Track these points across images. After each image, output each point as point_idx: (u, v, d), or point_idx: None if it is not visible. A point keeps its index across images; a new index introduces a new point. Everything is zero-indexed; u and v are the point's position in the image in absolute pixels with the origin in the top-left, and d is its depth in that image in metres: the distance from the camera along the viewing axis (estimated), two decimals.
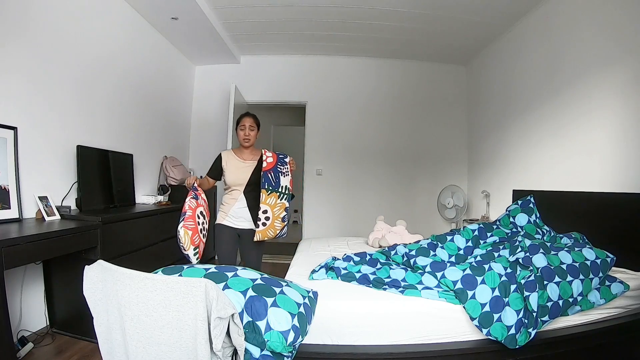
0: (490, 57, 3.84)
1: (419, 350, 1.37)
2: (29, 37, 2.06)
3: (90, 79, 2.60)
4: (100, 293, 1.02)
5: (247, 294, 1.11)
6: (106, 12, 2.75)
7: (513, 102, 3.32)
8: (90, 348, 1.93)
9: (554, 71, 2.71)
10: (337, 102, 4.45)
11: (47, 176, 2.22)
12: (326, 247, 2.55)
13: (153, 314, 0.94)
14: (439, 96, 4.47)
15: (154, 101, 3.55)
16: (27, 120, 2.06)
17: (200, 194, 2.00)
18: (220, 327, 0.94)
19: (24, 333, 1.95)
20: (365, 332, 1.39)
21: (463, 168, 4.44)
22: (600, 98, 2.27)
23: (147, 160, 3.43)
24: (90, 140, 2.56)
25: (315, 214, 4.48)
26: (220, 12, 3.29)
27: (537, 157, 2.92)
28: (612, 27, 2.19)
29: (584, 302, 1.52)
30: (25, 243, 1.56)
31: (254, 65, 4.44)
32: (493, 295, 1.44)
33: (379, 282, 1.58)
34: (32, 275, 2.08)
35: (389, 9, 3.19)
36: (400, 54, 4.26)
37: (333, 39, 3.90)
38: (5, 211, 1.86)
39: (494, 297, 1.43)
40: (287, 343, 1.05)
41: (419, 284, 1.56)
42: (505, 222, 2.16)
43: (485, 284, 1.47)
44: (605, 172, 2.20)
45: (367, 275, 1.64)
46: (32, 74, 2.10)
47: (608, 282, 1.59)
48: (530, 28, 3.07)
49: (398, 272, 1.65)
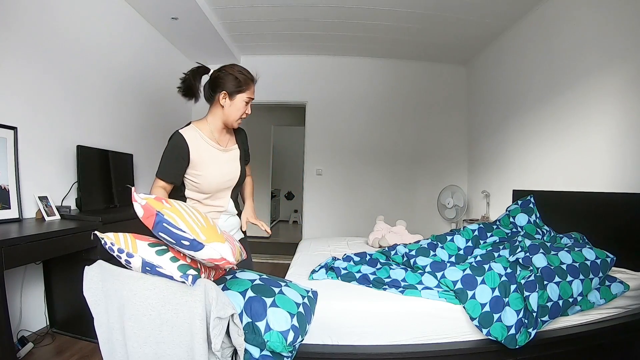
0: (490, 57, 3.84)
1: (419, 350, 1.37)
2: (29, 38, 2.06)
3: (90, 79, 2.60)
4: (100, 293, 1.02)
5: (246, 294, 1.11)
6: (106, 12, 2.75)
7: (513, 102, 3.32)
8: (90, 348, 1.93)
9: (554, 71, 2.71)
10: (337, 102, 4.45)
11: (47, 176, 2.22)
12: (326, 247, 2.55)
13: (151, 313, 0.94)
14: (439, 96, 4.47)
15: (154, 101, 3.55)
16: (27, 120, 2.06)
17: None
18: (219, 327, 0.94)
19: (24, 333, 1.95)
20: (365, 332, 1.39)
21: (463, 168, 4.44)
22: (600, 98, 2.26)
23: (147, 160, 3.43)
24: (90, 140, 2.56)
25: (315, 214, 4.48)
26: (220, 12, 3.29)
27: (537, 157, 2.92)
28: (612, 27, 2.19)
29: (584, 302, 1.52)
30: (25, 243, 1.56)
31: (254, 65, 4.37)
32: (493, 295, 1.44)
33: (379, 282, 1.58)
34: (32, 275, 2.08)
35: (389, 9, 3.19)
36: (401, 54, 4.26)
37: (333, 39, 3.90)
38: (5, 211, 1.86)
39: (494, 297, 1.43)
40: (287, 343, 1.05)
41: (419, 284, 1.56)
42: (505, 222, 2.16)
43: (485, 284, 1.47)
44: (605, 172, 2.20)
45: (367, 276, 1.64)
46: (32, 74, 2.10)
47: (608, 282, 1.59)
48: (530, 28, 3.07)
49: (398, 272, 1.65)
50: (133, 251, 0.96)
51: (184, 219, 0.94)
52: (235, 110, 1.40)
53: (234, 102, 1.39)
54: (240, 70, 1.41)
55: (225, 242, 0.99)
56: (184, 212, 0.96)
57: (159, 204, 0.95)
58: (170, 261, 0.96)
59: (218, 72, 1.40)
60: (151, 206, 0.93)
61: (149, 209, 0.93)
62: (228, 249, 0.97)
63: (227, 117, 1.41)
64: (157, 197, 0.96)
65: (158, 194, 1.33)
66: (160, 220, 0.92)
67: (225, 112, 1.41)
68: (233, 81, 1.38)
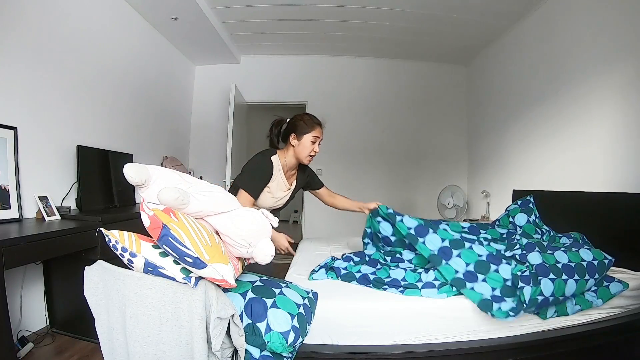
0: (490, 57, 3.84)
1: (419, 350, 1.37)
2: (29, 38, 2.06)
3: (90, 79, 2.61)
4: (100, 293, 1.02)
5: (246, 295, 1.11)
6: (106, 12, 2.75)
7: (513, 102, 3.32)
8: (90, 348, 1.93)
9: (554, 71, 2.71)
10: (337, 102, 4.45)
11: (47, 176, 2.22)
12: (326, 247, 2.54)
13: (151, 312, 0.94)
14: (439, 96, 4.47)
15: (154, 101, 3.55)
16: (27, 120, 2.06)
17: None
18: (220, 327, 0.94)
19: (24, 333, 1.95)
20: (365, 332, 1.39)
21: (463, 168, 4.44)
22: (600, 98, 2.27)
23: (147, 160, 3.43)
24: (90, 140, 2.56)
25: (315, 214, 4.48)
26: (220, 12, 3.29)
27: (537, 157, 2.92)
28: (612, 27, 2.19)
29: (583, 301, 1.52)
30: (25, 243, 1.56)
31: (254, 65, 4.44)
32: (467, 269, 1.47)
33: (379, 282, 1.58)
34: (32, 275, 2.08)
35: (389, 9, 3.19)
36: (400, 54, 4.26)
37: (333, 39, 3.90)
38: (5, 211, 1.86)
39: (468, 272, 1.46)
40: (288, 344, 1.05)
41: (419, 281, 1.56)
42: (505, 221, 2.15)
43: (460, 258, 1.50)
44: (605, 172, 2.20)
45: (367, 275, 1.64)
46: (32, 74, 2.10)
47: (606, 282, 1.59)
48: (530, 28, 3.07)
49: (398, 272, 1.65)
50: (137, 251, 0.97)
51: (189, 236, 0.93)
52: (303, 149, 1.72)
53: (302, 141, 1.71)
54: (308, 117, 1.76)
55: (229, 263, 0.98)
56: (190, 228, 0.95)
57: (167, 216, 0.94)
58: (174, 263, 0.96)
59: (291, 119, 1.78)
60: (158, 218, 0.93)
61: (155, 220, 0.92)
62: (230, 270, 0.97)
63: (298, 154, 1.73)
64: (165, 209, 0.96)
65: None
66: (166, 233, 0.91)
67: (295, 150, 1.73)
68: (301, 125, 1.72)
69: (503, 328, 1.43)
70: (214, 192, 1.15)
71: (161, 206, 0.96)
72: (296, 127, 1.72)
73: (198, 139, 4.48)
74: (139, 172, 0.99)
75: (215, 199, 1.12)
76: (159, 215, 0.93)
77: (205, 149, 4.42)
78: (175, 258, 0.95)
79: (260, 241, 1.13)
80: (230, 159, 3.61)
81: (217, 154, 4.34)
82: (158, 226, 0.92)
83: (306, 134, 1.70)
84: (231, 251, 1.13)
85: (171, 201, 0.96)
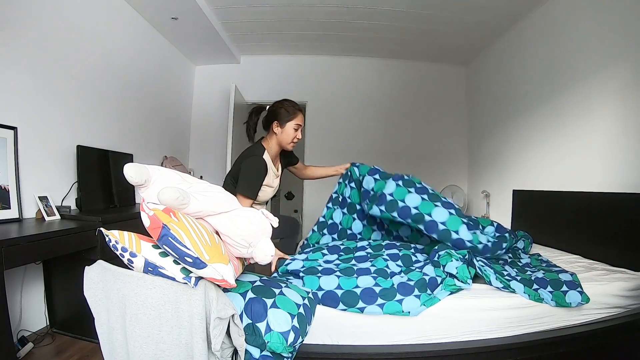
0: (490, 57, 3.84)
1: (419, 350, 1.37)
2: (29, 37, 2.06)
3: (90, 79, 2.60)
4: (101, 293, 1.02)
5: (246, 295, 1.11)
6: (106, 12, 2.75)
7: (513, 102, 3.32)
8: (90, 348, 1.93)
9: (554, 71, 2.71)
10: (337, 102, 4.44)
11: (47, 176, 2.22)
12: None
13: (151, 312, 0.94)
14: (439, 96, 4.47)
15: (154, 101, 3.55)
16: (27, 120, 2.05)
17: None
18: (220, 327, 0.94)
19: (24, 333, 1.95)
20: (365, 332, 1.39)
21: (463, 168, 4.44)
22: (600, 98, 2.26)
23: (147, 160, 3.42)
24: (90, 140, 2.56)
25: (315, 214, 4.47)
26: (220, 12, 3.29)
27: (537, 157, 2.92)
28: (612, 27, 2.19)
29: (559, 297, 1.47)
30: (25, 243, 1.56)
31: (254, 65, 4.44)
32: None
33: (349, 251, 1.65)
34: (32, 275, 2.08)
35: (389, 9, 3.19)
36: (401, 54, 4.26)
37: (333, 39, 3.90)
38: (5, 211, 1.86)
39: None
40: (288, 344, 1.05)
41: (392, 287, 1.42)
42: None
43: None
44: (605, 172, 2.20)
45: (331, 267, 1.54)
46: (32, 74, 2.10)
47: (566, 288, 1.50)
48: (530, 28, 3.07)
49: (362, 256, 1.64)
50: (137, 251, 0.97)
51: (189, 236, 0.93)
52: (286, 136, 1.75)
53: (285, 129, 1.75)
54: (289, 103, 1.78)
55: (229, 263, 0.98)
56: (190, 228, 0.95)
57: (167, 217, 0.94)
58: (174, 263, 0.96)
59: (272, 107, 1.79)
60: (158, 218, 0.93)
61: (155, 220, 0.92)
62: (230, 270, 0.97)
63: (281, 141, 1.77)
64: (165, 209, 0.96)
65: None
66: (166, 233, 0.91)
67: (279, 138, 1.77)
68: (283, 113, 1.74)
69: (503, 328, 1.43)
70: (214, 192, 1.15)
71: (161, 206, 0.96)
72: (278, 114, 1.75)
73: (198, 139, 4.47)
74: (139, 172, 0.99)
75: (215, 199, 1.12)
76: (159, 215, 0.93)
77: (205, 149, 4.42)
78: (175, 258, 0.95)
79: (260, 241, 1.13)
80: (230, 159, 3.61)
81: (217, 154, 4.34)
82: (158, 226, 0.92)
83: (289, 122, 1.74)
84: (231, 251, 1.13)
85: (171, 201, 0.96)
